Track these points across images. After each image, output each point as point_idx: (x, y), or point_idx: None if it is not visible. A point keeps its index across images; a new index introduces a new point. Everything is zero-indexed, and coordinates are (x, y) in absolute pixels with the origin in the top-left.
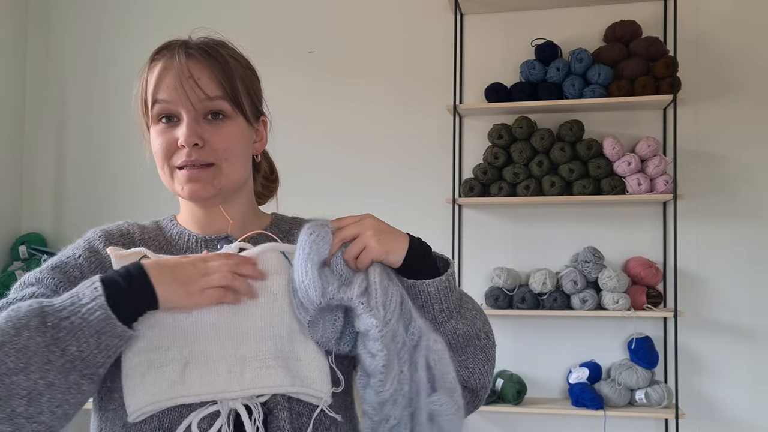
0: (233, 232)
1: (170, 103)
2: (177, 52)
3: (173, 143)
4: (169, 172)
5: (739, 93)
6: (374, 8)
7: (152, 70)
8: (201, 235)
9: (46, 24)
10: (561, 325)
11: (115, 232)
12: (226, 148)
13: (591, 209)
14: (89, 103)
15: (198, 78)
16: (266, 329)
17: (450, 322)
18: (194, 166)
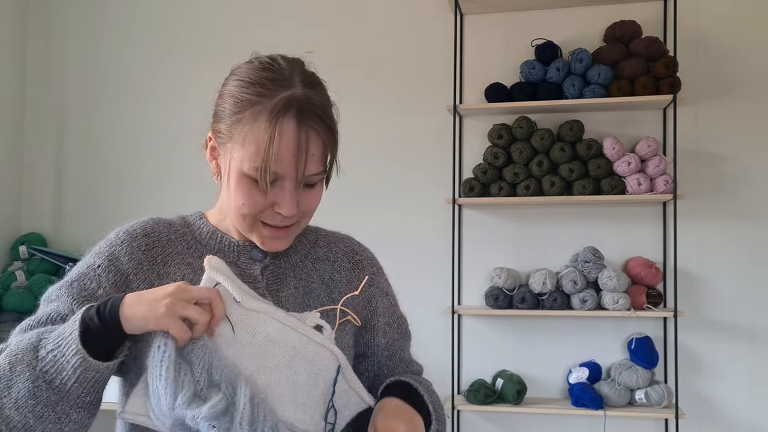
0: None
1: (280, 172)
2: (304, 118)
3: (269, 205)
4: (251, 222)
5: (739, 93)
6: (374, 8)
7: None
8: (235, 240)
9: (46, 24)
10: (561, 325)
11: (139, 232)
12: (309, 210)
13: (591, 209)
14: (89, 103)
15: (312, 154)
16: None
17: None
18: (282, 226)
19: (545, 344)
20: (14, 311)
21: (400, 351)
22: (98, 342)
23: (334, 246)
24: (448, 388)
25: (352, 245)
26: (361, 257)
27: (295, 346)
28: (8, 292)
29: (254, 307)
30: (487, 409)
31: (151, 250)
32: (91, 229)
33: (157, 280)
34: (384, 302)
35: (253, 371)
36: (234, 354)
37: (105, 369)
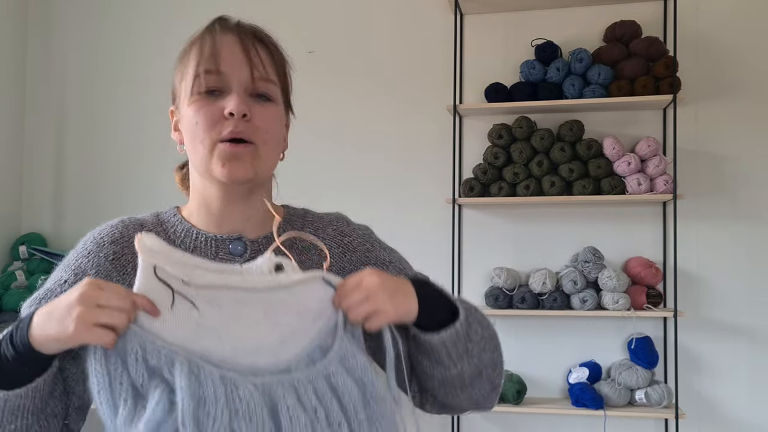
0: (251, 230)
1: (224, 74)
2: (238, 28)
3: (218, 114)
4: (209, 145)
5: (739, 93)
6: (374, 8)
7: (206, 38)
8: (211, 234)
9: (46, 24)
10: (561, 325)
11: (107, 239)
12: (268, 129)
13: (591, 209)
14: (89, 103)
15: (255, 55)
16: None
17: (456, 366)
18: (238, 141)
19: (545, 344)
20: (14, 311)
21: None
22: (21, 369)
23: (321, 231)
24: None
25: (340, 227)
26: (350, 238)
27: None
28: (8, 292)
29: (205, 282)
30: None
31: (120, 258)
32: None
33: (129, 289)
34: (390, 271)
35: (238, 337)
36: (213, 329)
37: (28, 393)
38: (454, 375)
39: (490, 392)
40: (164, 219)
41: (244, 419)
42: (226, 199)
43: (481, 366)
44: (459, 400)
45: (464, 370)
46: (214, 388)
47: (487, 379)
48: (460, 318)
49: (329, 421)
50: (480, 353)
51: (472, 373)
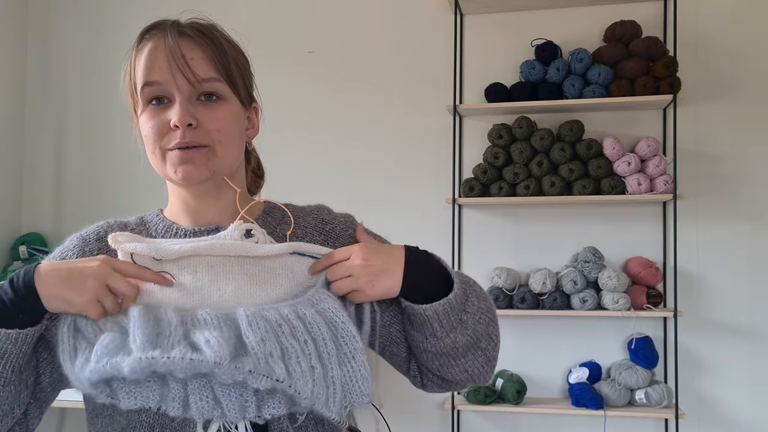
0: (228, 221)
1: (162, 84)
2: (168, 32)
3: (165, 125)
4: (160, 155)
5: (739, 93)
6: (374, 8)
7: (141, 50)
8: (190, 228)
9: (46, 24)
10: (561, 325)
11: (92, 237)
12: (220, 129)
13: (591, 209)
14: (89, 103)
15: (191, 58)
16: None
17: (449, 336)
18: (188, 147)
19: (545, 344)
20: None
21: None
22: (13, 315)
23: (302, 221)
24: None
25: (321, 215)
26: (332, 226)
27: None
28: None
29: (176, 253)
30: (487, 408)
31: (103, 254)
32: None
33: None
34: None
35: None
36: (194, 291)
37: (16, 338)
38: (448, 345)
39: (484, 364)
40: (147, 219)
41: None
42: (197, 195)
43: (475, 337)
44: (454, 371)
45: (457, 340)
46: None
47: (482, 351)
48: (455, 289)
49: (295, 335)
50: (475, 325)
51: (466, 343)
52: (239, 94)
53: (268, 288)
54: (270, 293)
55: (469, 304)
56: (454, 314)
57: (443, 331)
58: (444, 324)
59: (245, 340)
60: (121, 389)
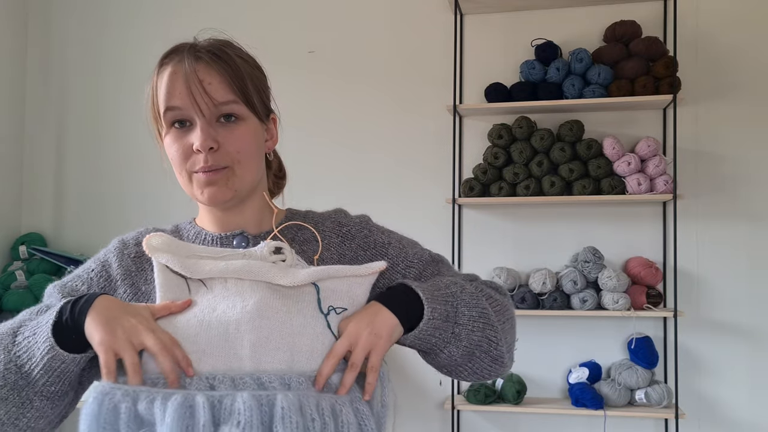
0: (252, 228)
1: (182, 109)
2: (186, 57)
3: (189, 148)
4: (187, 177)
5: (739, 93)
6: (374, 8)
7: (161, 75)
8: (217, 234)
9: (46, 24)
10: (561, 325)
11: (132, 241)
12: (240, 150)
13: (591, 209)
14: (89, 102)
15: (209, 83)
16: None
17: (444, 351)
18: (210, 170)
19: (545, 344)
20: (14, 311)
21: (432, 276)
22: (68, 335)
23: (321, 225)
24: (448, 387)
25: (338, 219)
26: (348, 228)
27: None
28: (8, 292)
29: (207, 273)
30: (487, 408)
31: (140, 257)
32: (91, 229)
33: (144, 284)
34: (391, 253)
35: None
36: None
37: (71, 361)
38: (444, 359)
39: (491, 364)
40: (181, 227)
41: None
42: (223, 209)
43: (471, 346)
44: (462, 375)
45: (453, 352)
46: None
47: (485, 354)
48: (426, 314)
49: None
50: (469, 334)
51: (463, 353)
52: (256, 111)
53: (293, 308)
54: (294, 317)
55: (460, 315)
56: (441, 331)
57: (436, 348)
58: (435, 342)
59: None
60: None
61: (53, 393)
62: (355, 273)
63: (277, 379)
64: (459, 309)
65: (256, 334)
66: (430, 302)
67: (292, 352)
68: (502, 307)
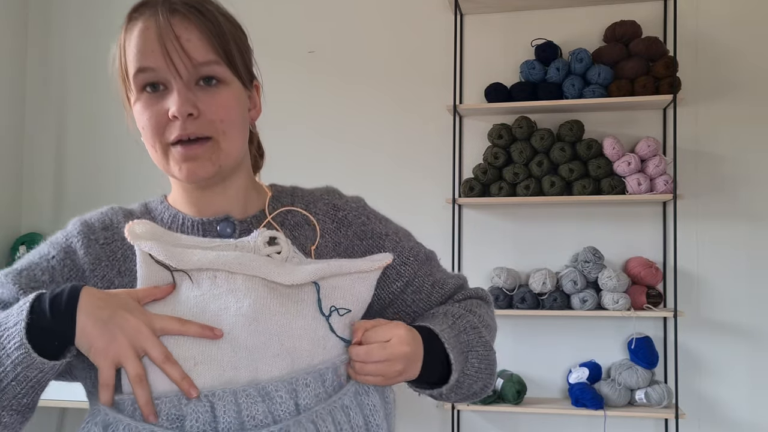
0: (237, 211)
1: (156, 70)
2: (159, 10)
3: (163, 116)
4: (162, 150)
5: (739, 93)
6: (374, 8)
7: (130, 31)
8: (197, 218)
9: (46, 24)
10: (561, 325)
11: (97, 225)
12: (224, 118)
13: (591, 209)
14: (89, 103)
15: (187, 39)
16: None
17: (443, 396)
18: (190, 140)
19: (545, 344)
20: None
21: (426, 278)
22: (47, 339)
23: (312, 206)
24: None
25: (332, 201)
26: (344, 212)
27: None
28: None
29: (196, 264)
30: (487, 409)
31: (110, 244)
32: None
33: (117, 277)
34: (387, 245)
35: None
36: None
37: (50, 369)
38: (439, 398)
39: (475, 399)
40: (152, 207)
41: None
42: (202, 188)
43: (468, 393)
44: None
45: (450, 397)
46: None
47: (476, 396)
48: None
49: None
50: (471, 384)
51: (459, 399)
52: (240, 75)
53: (291, 309)
54: (293, 320)
55: (469, 366)
56: (449, 391)
57: (438, 394)
58: (440, 391)
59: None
60: None
61: (25, 405)
62: (359, 269)
63: (283, 386)
64: (469, 360)
65: (252, 341)
66: (456, 363)
67: (293, 358)
68: (494, 331)
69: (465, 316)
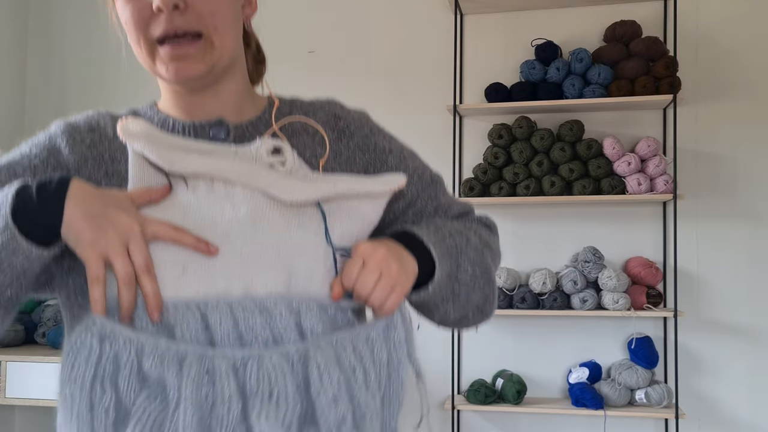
0: (230, 116)
1: None
2: None
3: (147, 9)
4: (147, 48)
5: (739, 93)
6: (374, 8)
7: None
8: (188, 121)
9: (46, 24)
10: (561, 325)
11: (83, 126)
12: (214, 12)
13: (591, 209)
14: (89, 102)
15: None
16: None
17: (440, 310)
18: (178, 37)
19: (545, 344)
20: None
21: (430, 201)
22: (32, 227)
23: (312, 115)
24: (448, 388)
25: (333, 110)
26: (346, 122)
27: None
28: None
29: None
30: (487, 409)
31: (96, 146)
32: None
33: (104, 178)
34: (390, 161)
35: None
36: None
37: (36, 258)
38: (438, 317)
39: (480, 319)
40: (140, 112)
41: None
42: (193, 91)
43: (469, 306)
44: (448, 326)
45: (448, 312)
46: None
47: (478, 312)
48: (437, 276)
49: (367, 383)
50: (468, 294)
51: (459, 312)
52: None
53: (293, 220)
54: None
55: (462, 272)
56: (443, 289)
57: (434, 306)
58: (434, 302)
59: (315, 401)
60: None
61: (7, 300)
62: (369, 191)
63: (282, 302)
64: (462, 265)
65: (248, 249)
66: (440, 258)
67: (289, 272)
68: (497, 255)
69: (456, 229)
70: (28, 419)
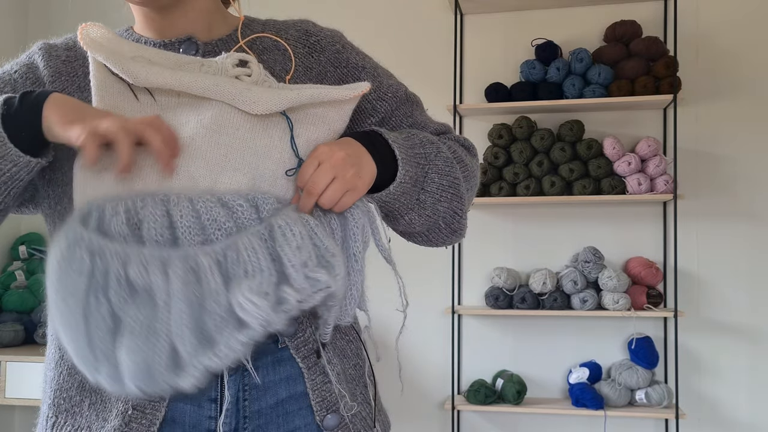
0: (200, 34)
1: None
2: None
3: None
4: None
5: (739, 93)
6: (375, 8)
7: None
8: (159, 40)
9: (46, 24)
10: (561, 325)
11: (60, 44)
12: None
13: (591, 209)
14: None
15: None
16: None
17: (405, 217)
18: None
19: (545, 344)
20: (14, 311)
21: (404, 119)
22: (18, 129)
23: (284, 33)
24: (448, 388)
25: (305, 27)
26: (317, 38)
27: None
28: (8, 292)
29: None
30: (487, 409)
31: (72, 62)
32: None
33: (77, 92)
34: (363, 76)
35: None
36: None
37: (24, 165)
38: (403, 225)
39: (449, 235)
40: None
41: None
42: (159, 9)
43: (435, 217)
44: (417, 242)
45: (413, 220)
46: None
47: (446, 226)
48: (400, 176)
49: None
50: (434, 204)
51: (425, 222)
52: None
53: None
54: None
55: (429, 181)
56: (408, 196)
57: (398, 213)
58: (398, 207)
59: (281, 256)
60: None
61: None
62: (334, 97)
63: (241, 197)
64: (429, 175)
65: (213, 153)
66: (404, 163)
67: (254, 176)
68: (470, 173)
69: (429, 139)
70: (28, 419)
